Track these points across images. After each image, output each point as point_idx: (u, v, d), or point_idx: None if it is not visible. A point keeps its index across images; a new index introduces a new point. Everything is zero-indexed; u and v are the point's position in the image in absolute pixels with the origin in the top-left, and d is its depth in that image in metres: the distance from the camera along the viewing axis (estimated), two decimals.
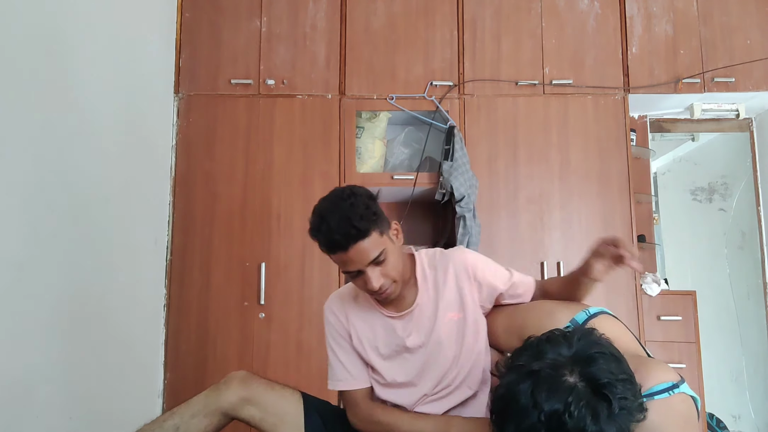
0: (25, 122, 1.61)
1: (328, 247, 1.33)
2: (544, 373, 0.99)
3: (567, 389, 0.96)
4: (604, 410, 0.95)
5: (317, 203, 1.37)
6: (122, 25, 2.22)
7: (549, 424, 0.95)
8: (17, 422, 1.58)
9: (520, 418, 0.97)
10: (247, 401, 1.48)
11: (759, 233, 3.09)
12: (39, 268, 1.68)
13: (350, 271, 1.36)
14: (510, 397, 1.00)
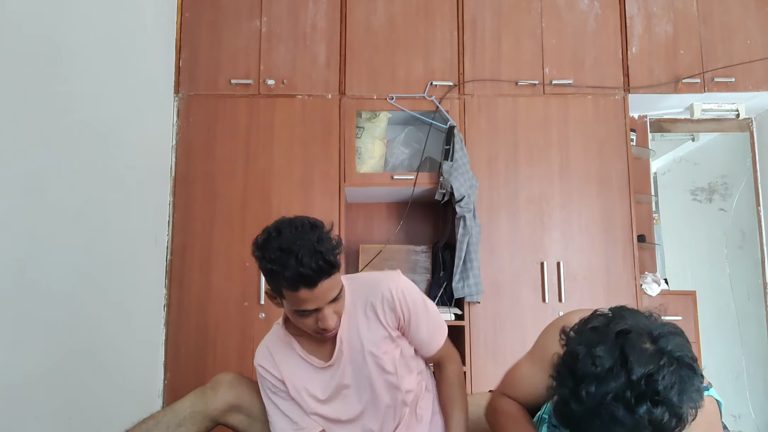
0: (25, 122, 1.61)
1: (294, 284, 1.22)
2: (633, 335, 0.97)
3: (658, 353, 0.95)
4: (691, 382, 0.95)
5: (268, 236, 1.27)
6: (122, 25, 2.22)
7: (638, 386, 0.93)
8: (17, 422, 1.58)
9: (604, 380, 0.95)
10: (235, 408, 1.45)
11: (759, 233, 3.09)
12: (39, 268, 1.68)
13: (307, 310, 1.28)
14: (593, 357, 0.97)
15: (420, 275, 2.91)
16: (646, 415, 0.93)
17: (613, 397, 0.95)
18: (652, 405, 0.94)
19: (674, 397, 0.94)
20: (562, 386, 1.02)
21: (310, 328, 1.34)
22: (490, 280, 2.62)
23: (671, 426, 0.95)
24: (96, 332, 2.00)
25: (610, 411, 0.95)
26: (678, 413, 0.95)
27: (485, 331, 2.60)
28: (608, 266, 2.65)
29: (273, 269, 1.23)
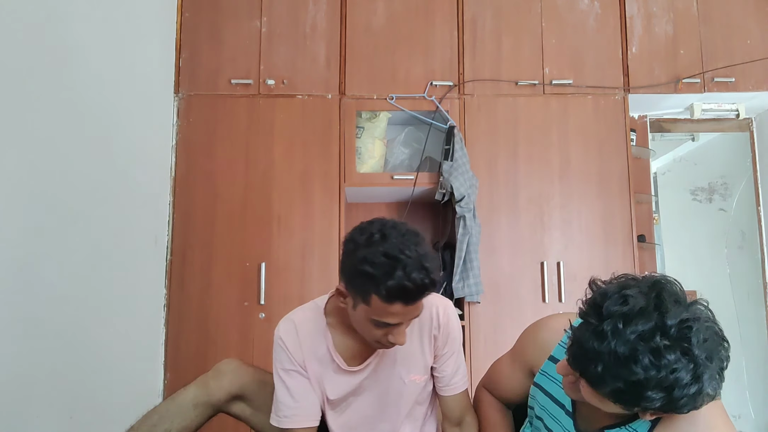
0: (25, 122, 1.61)
1: (393, 296, 1.15)
2: (669, 287, 0.95)
3: (693, 312, 0.92)
4: (720, 351, 0.93)
5: (371, 237, 1.19)
6: (122, 25, 2.22)
7: (670, 331, 0.89)
8: (17, 422, 1.58)
9: (633, 319, 0.90)
10: (237, 397, 1.42)
11: (759, 233, 3.09)
12: (39, 268, 1.68)
13: (387, 323, 1.20)
14: (624, 297, 0.93)
15: None
16: (671, 365, 0.88)
17: (639, 337, 0.90)
18: (680, 355, 0.89)
19: (702, 356, 0.90)
20: (585, 323, 0.96)
21: (373, 337, 1.26)
22: (490, 280, 2.62)
23: (688, 393, 0.90)
24: (96, 332, 2.00)
25: (633, 351, 0.89)
26: (699, 376, 0.90)
27: (485, 331, 2.60)
28: (608, 266, 2.65)
29: (373, 274, 1.15)
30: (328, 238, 2.64)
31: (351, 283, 1.22)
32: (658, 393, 0.90)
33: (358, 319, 1.26)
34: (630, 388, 0.91)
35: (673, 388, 0.90)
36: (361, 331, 1.29)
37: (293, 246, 2.63)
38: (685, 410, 0.94)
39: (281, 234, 2.64)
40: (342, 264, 1.25)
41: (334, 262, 2.63)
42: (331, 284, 2.60)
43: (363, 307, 1.21)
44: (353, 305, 1.25)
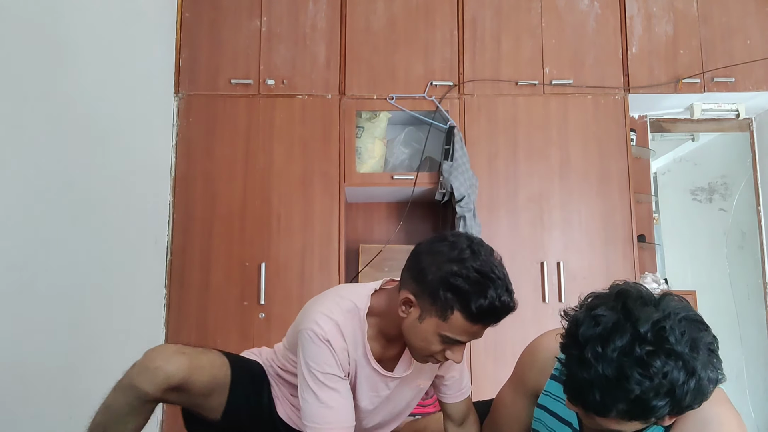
0: (25, 122, 1.61)
1: (480, 316, 1.14)
2: (633, 293, 0.97)
3: (661, 309, 0.94)
4: (702, 337, 0.93)
5: (462, 251, 1.16)
6: (122, 25, 2.22)
7: (647, 338, 0.91)
8: (17, 421, 1.58)
9: (609, 337, 0.92)
10: (169, 390, 1.27)
11: (759, 233, 3.09)
12: (39, 268, 1.68)
13: (458, 341, 1.18)
14: (594, 318, 0.95)
15: None
16: (660, 369, 0.89)
17: (621, 353, 0.91)
18: (666, 358, 0.90)
19: (686, 350, 0.90)
20: (568, 356, 0.97)
21: (429, 352, 1.22)
22: None
23: (689, 389, 0.90)
24: (96, 332, 2.00)
25: (621, 370, 0.90)
26: (692, 369, 0.90)
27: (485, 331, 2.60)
28: (608, 266, 2.65)
29: (465, 290, 1.12)
30: (328, 238, 2.64)
31: (432, 295, 1.16)
32: (661, 400, 0.91)
33: (420, 331, 1.20)
34: (634, 406, 0.92)
35: (673, 390, 0.90)
36: (418, 345, 1.22)
37: (293, 246, 2.63)
38: (696, 405, 0.95)
39: (281, 234, 2.64)
40: (419, 272, 1.19)
41: (334, 262, 2.63)
42: (331, 284, 2.60)
43: (436, 321, 1.16)
44: (420, 317, 1.19)
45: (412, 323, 1.20)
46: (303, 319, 1.28)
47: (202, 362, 1.32)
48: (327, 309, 1.26)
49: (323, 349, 1.23)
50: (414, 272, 1.20)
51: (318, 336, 1.22)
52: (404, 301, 1.21)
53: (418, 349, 1.23)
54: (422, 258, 1.20)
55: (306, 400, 1.24)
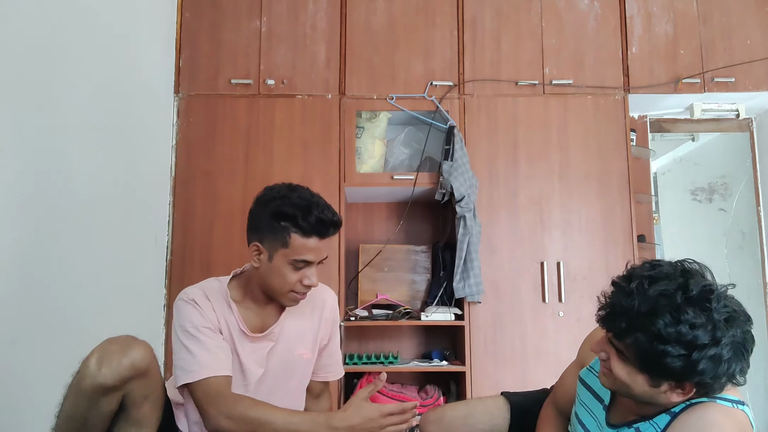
0: (25, 122, 1.61)
1: (310, 230, 1.36)
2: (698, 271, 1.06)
3: (723, 287, 1.04)
4: (742, 320, 1.02)
5: (282, 189, 1.42)
6: (122, 25, 2.22)
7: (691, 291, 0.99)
8: (17, 422, 1.58)
9: (658, 280, 1.00)
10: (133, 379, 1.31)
11: (759, 233, 3.09)
12: (39, 267, 1.68)
13: (305, 260, 1.39)
14: (652, 265, 1.04)
15: (420, 275, 2.91)
16: (689, 320, 0.96)
17: (662, 294, 0.98)
18: (700, 313, 0.97)
19: (721, 320, 0.97)
20: (614, 285, 1.06)
21: (290, 285, 1.40)
22: (490, 280, 2.62)
23: (706, 356, 0.96)
24: (96, 332, 2.00)
25: (655, 307, 0.98)
26: (718, 340, 0.96)
27: (485, 331, 2.60)
28: (608, 266, 2.65)
29: (292, 214, 1.35)
30: None
31: (270, 230, 1.38)
32: (677, 348, 0.97)
33: (274, 269, 1.40)
34: (651, 342, 0.98)
35: (692, 345, 0.96)
36: (277, 283, 1.41)
37: None
38: (706, 381, 0.98)
39: None
40: (256, 221, 1.42)
41: (334, 262, 2.63)
42: (330, 283, 2.60)
43: (282, 252, 1.38)
44: (269, 257, 1.40)
45: (266, 267, 1.41)
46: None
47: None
48: (190, 287, 1.46)
49: (190, 307, 1.39)
50: (252, 225, 1.43)
51: (183, 300, 1.40)
52: (253, 251, 1.41)
53: (279, 287, 1.41)
54: (253, 211, 1.44)
55: (180, 358, 1.35)
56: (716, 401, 1.06)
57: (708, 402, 1.05)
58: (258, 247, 1.41)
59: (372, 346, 2.88)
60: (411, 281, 2.91)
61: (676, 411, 1.07)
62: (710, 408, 1.04)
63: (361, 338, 2.90)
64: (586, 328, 2.72)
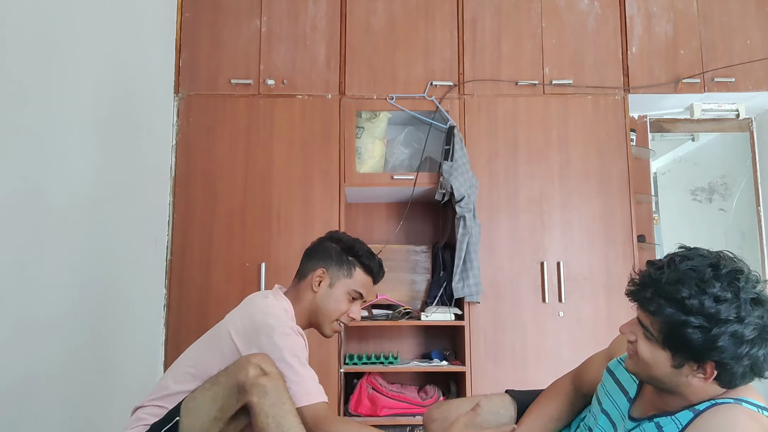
0: (25, 122, 1.61)
1: (377, 273, 1.64)
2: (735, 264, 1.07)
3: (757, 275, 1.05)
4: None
5: (350, 239, 1.65)
6: (122, 25, 2.22)
7: (721, 269, 1.01)
8: (17, 422, 1.58)
9: (691, 258, 1.05)
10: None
11: (759, 233, 3.09)
12: (39, 268, 1.68)
13: (361, 294, 1.61)
14: (689, 248, 1.09)
15: (420, 275, 2.91)
16: (714, 294, 0.98)
17: (691, 269, 1.02)
18: (726, 287, 0.99)
19: (747, 298, 0.99)
20: (648, 264, 1.10)
21: (339, 313, 1.59)
22: (490, 280, 2.62)
23: (726, 331, 0.97)
24: (96, 332, 2.01)
25: (682, 278, 1.01)
26: (741, 318, 0.98)
27: (485, 331, 2.60)
28: (608, 266, 2.65)
29: (361, 252, 1.61)
30: None
31: (338, 261, 1.60)
32: (698, 319, 0.98)
33: (333, 295, 1.59)
34: (674, 313, 1.01)
35: (713, 318, 0.98)
36: (331, 309, 1.59)
37: (293, 246, 2.63)
38: (727, 361, 0.99)
39: (281, 234, 2.64)
40: (326, 251, 1.62)
41: None
42: None
43: (344, 281, 1.59)
44: (330, 284, 1.59)
45: (324, 293, 1.59)
46: (264, 325, 1.45)
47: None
48: (279, 313, 1.51)
49: (300, 339, 1.49)
50: (320, 254, 1.62)
51: (292, 329, 1.48)
52: (318, 276, 1.59)
53: (331, 313, 1.59)
54: (323, 244, 1.65)
55: (296, 382, 1.40)
56: (742, 404, 1.05)
57: (734, 403, 1.05)
58: (323, 273, 1.60)
59: (372, 346, 2.88)
60: (411, 281, 2.91)
61: (699, 409, 1.07)
62: (735, 409, 1.04)
63: (361, 338, 2.90)
64: (586, 328, 2.73)
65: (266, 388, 1.29)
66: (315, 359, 2.61)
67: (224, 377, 1.35)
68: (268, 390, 1.29)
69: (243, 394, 1.30)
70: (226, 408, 1.33)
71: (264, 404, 1.29)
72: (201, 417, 1.34)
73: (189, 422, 1.34)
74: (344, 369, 2.60)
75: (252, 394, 1.29)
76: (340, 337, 2.59)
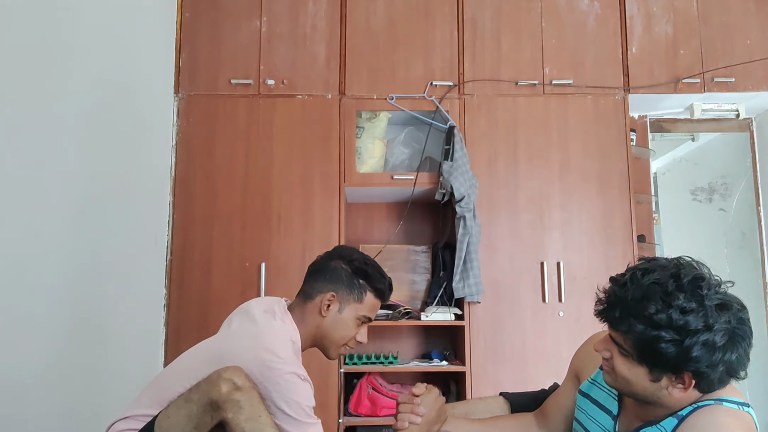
0: (25, 122, 1.61)
1: (384, 294, 1.55)
2: (696, 267, 1.09)
3: (721, 284, 1.07)
4: (735, 309, 1.04)
5: (361, 260, 1.53)
6: (122, 25, 2.22)
7: (682, 279, 1.02)
8: (17, 422, 1.58)
9: (653, 270, 1.05)
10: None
11: (759, 233, 3.09)
12: (39, 268, 1.68)
13: (369, 318, 1.52)
14: (650, 259, 1.09)
15: (420, 275, 2.91)
16: (680, 306, 0.99)
17: (654, 282, 1.02)
18: (690, 298, 0.99)
19: (713, 305, 0.99)
20: (612, 279, 1.10)
21: (347, 339, 1.51)
22: (490, 280, 2.62)
23: (698, 341, 0.97)
24: (96, 332, 2.01)
25: (647, 293, 1.01)
26: (710, 325, 0.98)
27: (485, 331, 2.60)
28: (608, 266, 2.65)
29: (372, 275, 1.52)
30: (328, 238, 2.64)
31: (348, 284, 1.50)
32: (669, 333, 0.99)
33: (342, 320, 1.49)
34: (645, 328, 1.01)
35: (684, 330, 0.98)
36: (339, 334, 1.50)
37: (293, 246, 2.63)
38: (703, 370, 0.99)
39: (281, 234, 2.64)
40: (335, 274, 1.51)
41: None
42: None
43: (354, 306, 1.49)
44: (340, 309, 1.49)
45: (333, 317, 1.49)
46: (268, 362, 1.33)
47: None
48: (286, 351, 1.39)
49: (308, 386, 1.38)
50: (329, 277, 1.50)
51: (300, 377, 1.36)
52: (327, 300, 1.48)
53: (339, 339, 1.50)
54: (330, 265, 1.52)
55: (306, 396, 1.35)
56: (723, 403, 1.06)
57: (714, 404, 1.06)
58: (333, 298, 1.49)
59: (372, 346, 2.88)
60: (411, 281, 2.91)
61: (683, 414, 1.07)
62: (717, 410, 1.05)
63: None
64: (586, 328, 2.72)
65: (240, 403, 1.25)
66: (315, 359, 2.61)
67: (197, 394, 1.30)
68: (242, 404, 1.25)
69: (217, 411, 1.26)
70: (202, 425, 1.28)
71: (239, 420, 1.25)
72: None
73: None
74: (344, 369, 2.60)
75: (227, 411, 1.25)
76: None
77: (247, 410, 1.26)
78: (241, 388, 1.26)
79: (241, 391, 1.26)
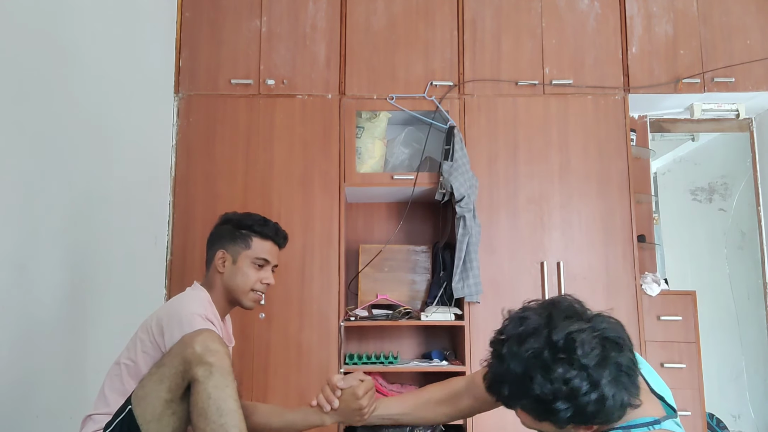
0: (25, 122, 1.61)
1: (276, 236, 1.69)
2: (564, 305, 1.05)
3: (585, 322, 1.01)
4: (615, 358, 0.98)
5: (239, 215, 1.72)
6: (122, 25, 2.22)
7: (556, 345, 0.97)
8: (17, 422, 1.58)
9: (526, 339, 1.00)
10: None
11: (759, 233, 3.09)
12: (39, 268, 1.68)
13: (267, 260, 1.68)
14: (521, 319, 1.04)
15: (420, 275, 2.91)
16: (562, 376, 0.96)
17: (532, 355, 0.99)
18: (568, 367, 0.96)
19: (592, 364, 0.95)
20: (491, 349, 1.07)
21: (250, 283, 1.65)
22: (490, 280, 2.62)
23: (590, 400, 0.95)
24: (96, 332, 2.01)
25: (528, 369, 0.98)
26: (596, 382, 0.95)
27: (485, 331, 2.58)
28: (608, 266, 2.65)
29: (252, 223, 1.67)
30: (328, 238, 2.64)
31: (232, 238, 1.67)
32: (563, 404, 0.97)
33: (238, 270, 1.65)
34: (536, 404, 0.99)
35: (575, 397, 0.96)
36: (241, 282, 1.65)
37: (293, 246, 2.62)
38: (602, 418, 0.98)
39: None
40: (219, 234, 1.71)
41: (334, 262, 2.63)
42: (331, 284, 2.61)
43: (244, 253, 1.66)
44: (233, 260, 1.66)
45: (230, 270, 1.66)
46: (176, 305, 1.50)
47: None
48: (191, 303, 1.52)
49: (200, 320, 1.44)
50: (215, 239, 1.71)
51: (200, 316, 1.44)
52: (219, 258, 1.67)
53: (242, 285, 1.65)
54: (216, 229, 1.73)
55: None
56: (631, 430, 1.05)
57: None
58: (224, 254, 1.67)
59: (372, 346, 2.88)
60: (411, 281, 2.91)
61: None
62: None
63: (360, 338, 2.90)
64: None
65: (212, 368, 1.28)
66: (315, 359, 2.62)
67: (168, 357, 1.34)
68: (213, 370, 1.28)
69: (188, 371, 1.29)
70: (174, 388, 1.31)
71: (208, 384, 1.27)
72: (152, 402, 1.32)
73: (142, 410, 1.32)
74: (344, 369, 2.59)
75: (197, 371, 1.28)
76: (340, 337, 2.59)
77: (216, 377, 1.29)
78: (214, 352, 1.30)
79: (215, 354, 1.30)
